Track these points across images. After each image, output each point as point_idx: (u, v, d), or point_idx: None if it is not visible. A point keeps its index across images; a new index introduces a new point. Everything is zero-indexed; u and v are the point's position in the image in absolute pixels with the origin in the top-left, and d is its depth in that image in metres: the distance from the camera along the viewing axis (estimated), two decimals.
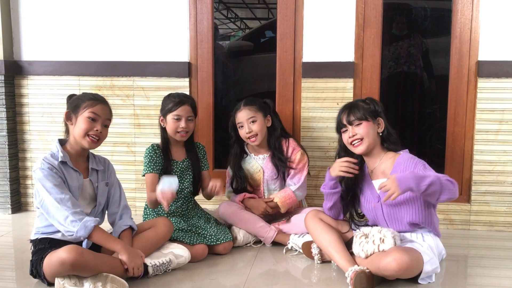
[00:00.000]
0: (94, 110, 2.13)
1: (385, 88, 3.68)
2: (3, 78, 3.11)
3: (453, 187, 2.01)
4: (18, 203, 3.29)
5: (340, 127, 2.31)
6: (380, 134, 2.27)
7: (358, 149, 2.25)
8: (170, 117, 2.54)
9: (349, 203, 2.38)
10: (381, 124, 2.26)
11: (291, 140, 2.74)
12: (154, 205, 2.50)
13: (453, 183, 2.02)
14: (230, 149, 2.81)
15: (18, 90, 3.21)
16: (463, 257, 2.56)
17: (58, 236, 2.11)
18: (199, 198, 2.76)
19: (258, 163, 2.74)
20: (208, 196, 2.66)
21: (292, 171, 2.69)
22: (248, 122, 2.65)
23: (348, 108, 2.27)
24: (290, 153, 2.69)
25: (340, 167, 2.23)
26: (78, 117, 2.13)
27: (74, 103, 2.17)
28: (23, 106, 3.22)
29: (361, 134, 2.22)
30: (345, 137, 2.28)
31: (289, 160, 2.68)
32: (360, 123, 2.22)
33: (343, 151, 2.34)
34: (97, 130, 2.13)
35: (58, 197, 2.02)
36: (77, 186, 2.15)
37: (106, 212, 2.32)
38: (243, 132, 2.67)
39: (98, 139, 2.16)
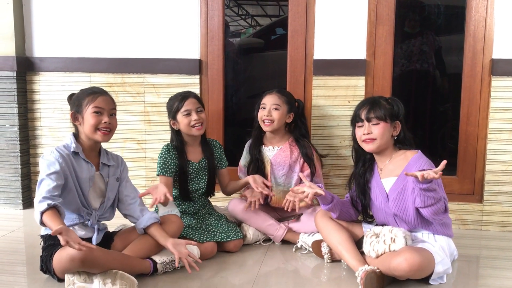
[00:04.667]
0: (96, 104, 2.13)
1: (397, 86, 3.65)
2: (15, 75, 3.12)
3: (442, 213, 2.07)
4: (29, 199, 3.30)
5: (356, 121, 2.27)
6: (395, 137, 2.24)
7: (368, 147, 2.23)
8: (180, 115, 2.53)
9: (358, 205, 2.36)
10: (398, 127, 2.23)
11: (307, 142, 2.74)
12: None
13: (445, 211, 2.08)
14: (252, 132, 2.81)
15: (30, 86, 3.23)
16: (475, 258, 2.53)
17: None
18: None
19: (267, 154, 2.74)
20: (229, 193, 2.74)
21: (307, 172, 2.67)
22: (271, 106, 2.65)
23: (370, 104, 2.23)
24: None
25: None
26: (84, 115, 2.13)
27: (76, 103, 2.16)
28: (34, 102, 3.24)
29: (376, 134, 2.19)
30: (359, 133, 2.25)
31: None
32: (378, 123, 2.19)
33: (356, 143, 2.32)
34: (105, 122, 2.13)
35: (48, 182, 2.00)
36: (88, 177, 2.15)
37: (120, 207, 2.30)
38: (261, 113, 2.68)
39: (110, 130, 2.17)
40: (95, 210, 2.19)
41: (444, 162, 1.97)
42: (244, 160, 2.81)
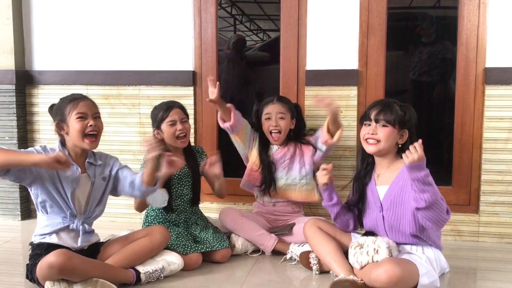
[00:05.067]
0: (79, 110, 2.14)
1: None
2: (14, 88, 3.19)
3: (443, 213, 2.02)
4: (28, 210, 3.35)
5: (365, 119, 2.24)
6: (399, 145, 2.20)
7: (369, 148, 2.20)
8: (164, 125, 2.54)
9: (355, 212, 2.34)
10: (405, 136, 2.19)
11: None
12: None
13: (447, 213, 2.04)
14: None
15: (29, 99, 3.29)
16: (472, 270, 2.47)
17: (54, 239, 2.14)
18: (202, 206, 2.76)
19: (269, 153, 2.75)
20: (219, 192, 2.66)
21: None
22: (277, 116, 2.67)
23: (382, 105, 2.19)
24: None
25: (322, 177, 2.24)
26: (69, 122, 2.14)
27: (58, 112, 2.18)
28: (33, 115, 3.30)
29: (381, 137, 2.16)
30: (364, 131, 2.22)
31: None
32: (386, 126, 2.16)
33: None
34: (91, 125, 2.14)
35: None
36: (73, 178, 2.15)
37: (125, 191, 2.29)
38: (267, 124, 2.69)
39: (96, 134, 2.17)
40: (81, 213, 2.19)
41: (420, 140, 1.95)
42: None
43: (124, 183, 2.27)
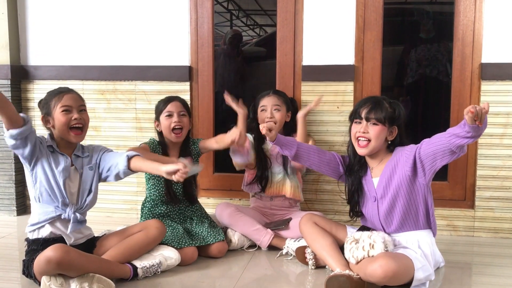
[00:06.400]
0: (63, 103, 2.15)
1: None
2: (9, 83, 3.18)
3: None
4: (23, 205, 3.35)
5: (355, 117, 2.24)
6: (389, 141, 2.22)
7: (361, 151, 2.22)
8: (162, 116, 2.56)
9: (338, 167, 2.36)
10: (394, 133, 2.21)
11: None
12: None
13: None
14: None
15: (25, 94, 3.28)
16: (467, 265, 2.49)
17: (48, 230, 2.14)
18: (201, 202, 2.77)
19: (266, 149, 2.77)
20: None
21: None
22: (272, 108, 2.70)
23: (373, 104, 2.19)
24: None
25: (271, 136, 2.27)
26: (54, 115, 2.15)
27: (44, 106, 2.19)
28: (29, 110, 3.29)
29: (371, 135, 2.17)
30: (355, 129, 2.23)
31: None
32: (377, 124, 2.17)
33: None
34: (75, 119, 2.15)
35: None
36: (64, 167, 2.16)
37: (109, 175, 2.25)
38: (263, 116, 2.71)
39: (82, 126, 2.18)
40: (73, 203, 2.18)
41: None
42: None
43: (106, 165, 2.23)
